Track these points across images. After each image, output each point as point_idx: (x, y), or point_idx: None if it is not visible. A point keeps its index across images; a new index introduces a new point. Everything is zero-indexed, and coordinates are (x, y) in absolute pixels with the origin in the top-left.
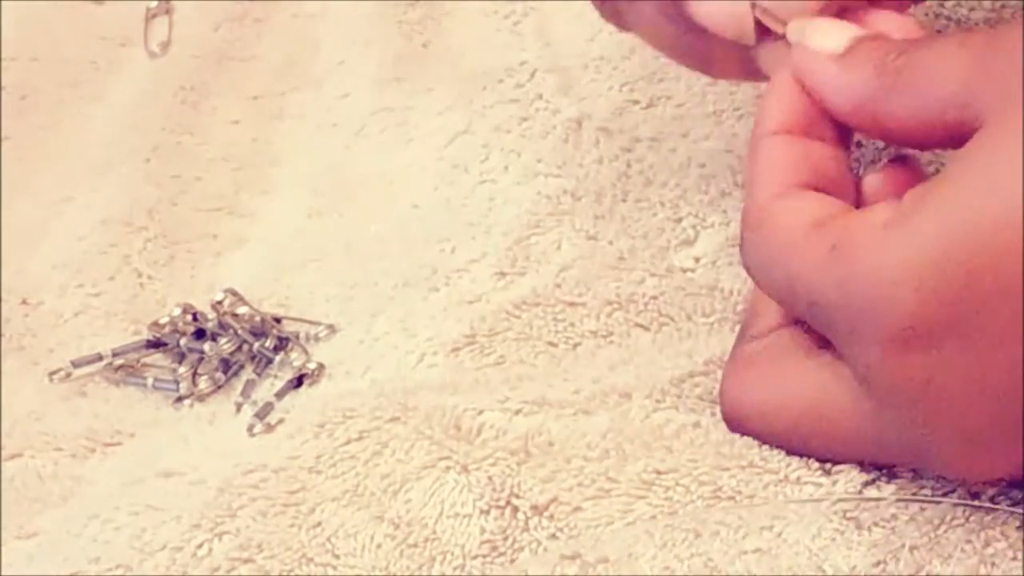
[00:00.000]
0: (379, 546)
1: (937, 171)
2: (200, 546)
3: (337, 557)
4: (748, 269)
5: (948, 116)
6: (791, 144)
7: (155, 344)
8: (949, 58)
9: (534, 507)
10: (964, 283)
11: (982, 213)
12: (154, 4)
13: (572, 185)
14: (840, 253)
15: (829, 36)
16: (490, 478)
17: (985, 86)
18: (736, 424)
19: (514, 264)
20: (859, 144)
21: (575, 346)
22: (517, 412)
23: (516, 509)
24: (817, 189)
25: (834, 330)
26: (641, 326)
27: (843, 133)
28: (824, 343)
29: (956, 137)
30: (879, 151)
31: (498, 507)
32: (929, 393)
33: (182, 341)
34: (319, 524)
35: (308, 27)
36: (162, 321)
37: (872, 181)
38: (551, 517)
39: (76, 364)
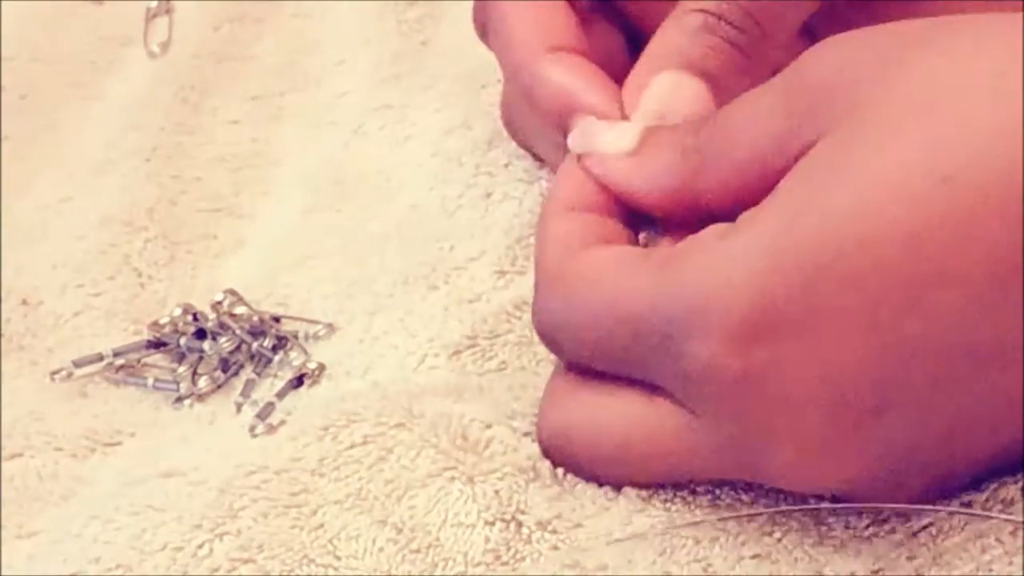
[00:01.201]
0: (381, 550)
1: None
2: (201, 546)
3: (339, 559)
4: (545, 332)
5: (770, 165)
6: (583, 217)
7: (155, 344)
8: (758, 109)
9: (539, 523)
10: (807, 279)
11: (826, 210)
12: (154, 4)
13: None
14: (672, 265)
15: (617, 135)
16: (496, 492)
17: (803, 121)
18: (554, 452)
19: (514, 263)
20: None
21: None
22: (526, 434)
23: (520, 524)
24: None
25: (660, 351)
26: None
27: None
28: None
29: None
30: None
31: (503, 520)
32: (766, 391)
33: (182, 341)
34: (321, 526)
35: (307, 27)
36: (162, 321)
37: None
38: (554, 531)
39: (77, 364)
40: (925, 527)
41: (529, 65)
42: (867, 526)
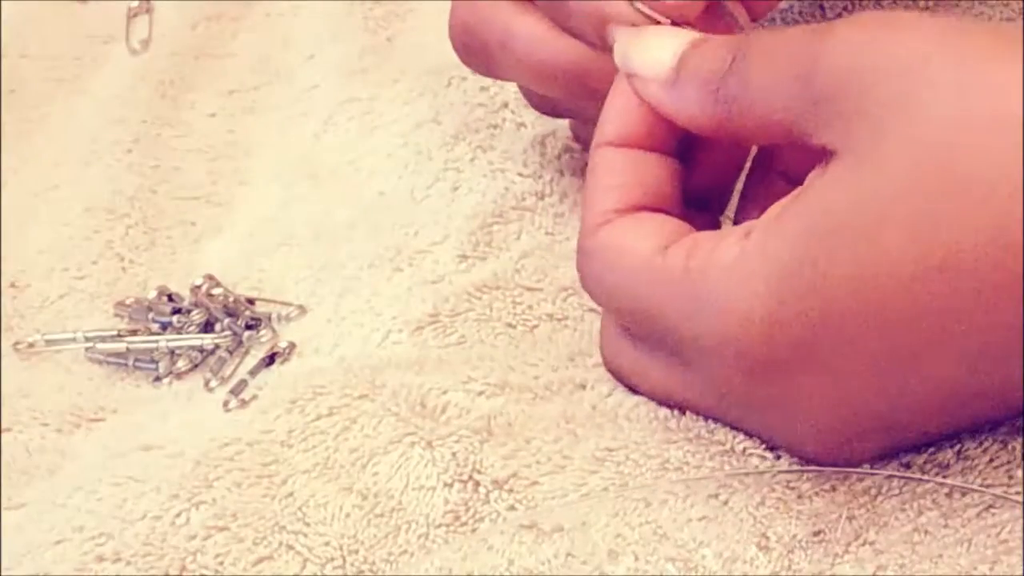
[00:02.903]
0: (348, 516)
1: None
2: (178, 515)
3: (308, 525)
4: (590, 291)
5: (795, 140)
6: (627, 159)
7: (131, 330)
8: (778, 88)
9: (495, 481)
10: (819, 314)
11: (835, 244)
12: (135, 3)
13: (539, 187)
14: (693, 276)
15: (654, 57)
16: (454, 454)
17: (819, 120)
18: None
19: (476, 248)
20: None
21: (532, 328)
22: (480, 393)
23: (477, 484)
24: (653, 207)
25: (686, 349)
26: (594, 311)
27: (682, 141)
28: None
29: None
30: None
31: (461, 481)
32: (784, 406)
33: (153, 326)
34: (291, 495)
35: (280, 25)
36: (127, 302)
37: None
38: (510, 490)
39: (50, 342)
40: (864, 491)
41: None
42: (809, 488)
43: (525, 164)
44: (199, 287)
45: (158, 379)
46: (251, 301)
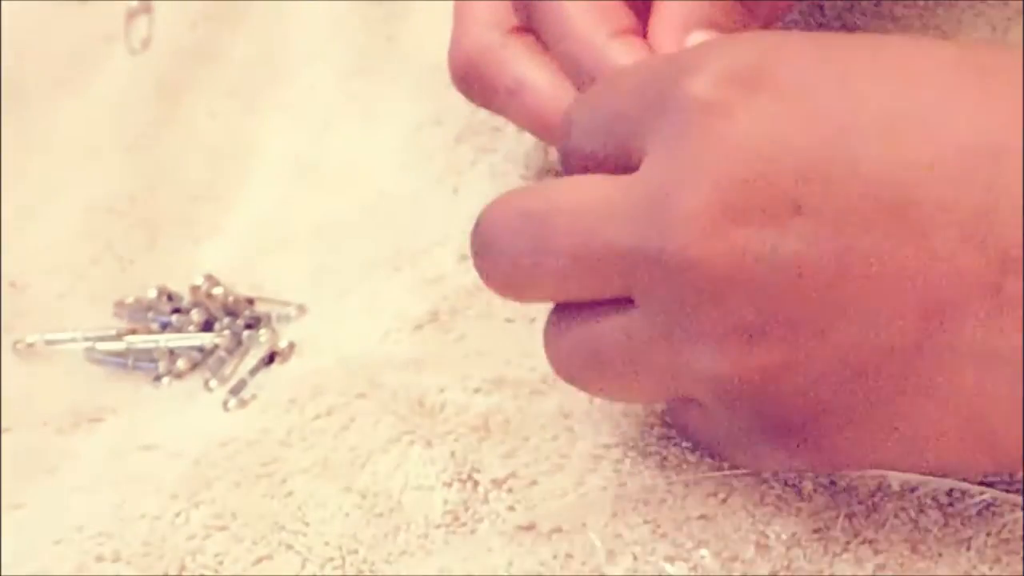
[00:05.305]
0: (347, 515)
1: None
2: (178, 515)
3: (307, 525)
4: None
5: None
6: None
7: (130, 329)
8: None
9: (493, 481)
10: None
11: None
12: (135, 3)
13: None
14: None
15: None
16: (452, 453)
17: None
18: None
19: None
20: None
21: (531, 321)
22: (477, 390)
23: (476, 483)
24: None
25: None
26: None
27: None
28: None
29: None
30: None
31: (460, 480)
32: (763, 391)
33: (153, 326)
34: (290, 494)
35: (279, 25)
36: (127, 301)
37: None
38: (509, 490)
39: (50, 342)
40: (864, 487)
41: (594, 53)
42: (809, 486)
43: (527, 167)
44: (199, 287)
45: (158, 379)
46: (251, 301)
